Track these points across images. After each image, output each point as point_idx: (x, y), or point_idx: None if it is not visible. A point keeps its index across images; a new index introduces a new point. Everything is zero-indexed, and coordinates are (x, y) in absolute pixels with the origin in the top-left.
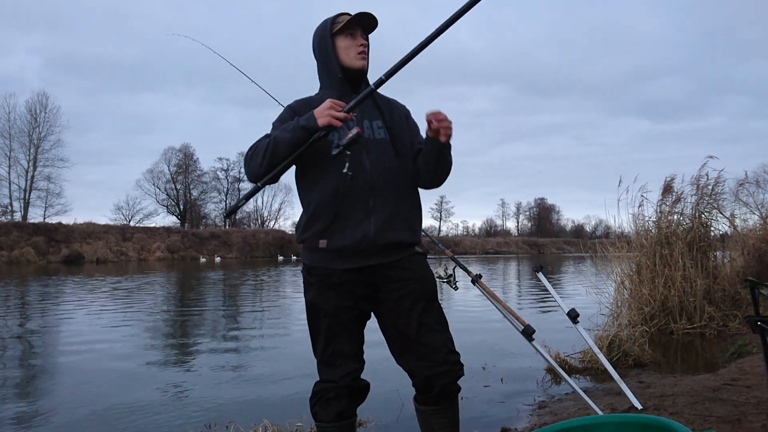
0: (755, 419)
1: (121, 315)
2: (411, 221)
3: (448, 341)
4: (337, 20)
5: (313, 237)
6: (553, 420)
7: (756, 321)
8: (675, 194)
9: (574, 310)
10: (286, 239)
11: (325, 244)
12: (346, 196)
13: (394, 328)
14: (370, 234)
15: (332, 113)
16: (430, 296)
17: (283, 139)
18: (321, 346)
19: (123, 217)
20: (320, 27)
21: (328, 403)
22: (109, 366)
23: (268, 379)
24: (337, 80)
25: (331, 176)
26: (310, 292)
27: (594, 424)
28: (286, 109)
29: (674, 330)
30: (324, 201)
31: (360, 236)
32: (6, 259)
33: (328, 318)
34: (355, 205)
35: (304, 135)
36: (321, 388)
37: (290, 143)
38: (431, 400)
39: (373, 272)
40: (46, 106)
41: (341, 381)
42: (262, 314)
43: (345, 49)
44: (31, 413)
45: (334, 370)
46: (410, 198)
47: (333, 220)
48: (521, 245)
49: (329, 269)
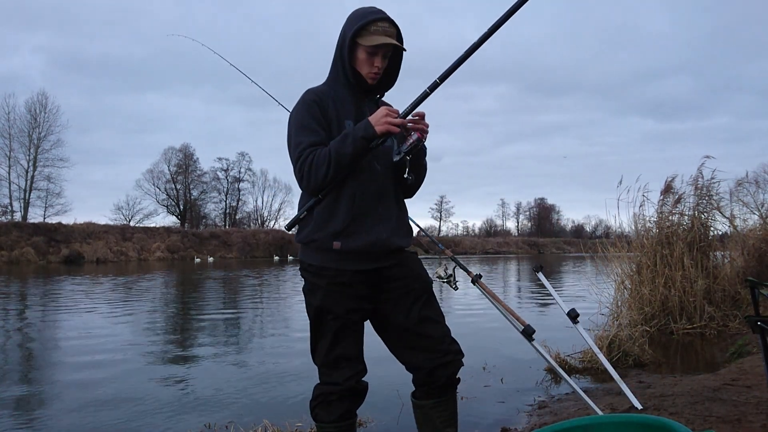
0: (755, 419)
1: (120, 315)
2: (409, 227)
3: (448, 331)
4: (368, 29)
5: (327, 238)
6: (553, 420)
7: (756, 321)
8: (675, 194)
9: (574, 310)
10: (286, 239)
11: (340, 246)
12: (362, 201)
13: (395, 324)
14: (382, 238)
15: (389, 120)
16: (430, 291)
17: (345, 153)
18: (325, 348)
19: (123, 217)
20: (349, 21)
21: (331, 405)
22: (108, 366)
23: (268, 379)
24: (349, 84)
25: (350, 180)
26: (317, 293)
27: (594, 424)
28: (310, 104)
29: (674, 330)
30: (342, 204)
31: (374, 240)
32: (6, 259)
33: (336, 321)
34: (368, 209)
35: (364, 145)
36: (324, 391)
37: (353, 155)
38: (435, 392)
39: (378, 273)
40: (45, 106)
41: (345, 383)
42: (261, 314)
43: (360, 63)
44: (30, 413)
45: (338, 372)
46: (404, 205)
47: (349, 223)
48: (521, 245)
49: (340, 270)
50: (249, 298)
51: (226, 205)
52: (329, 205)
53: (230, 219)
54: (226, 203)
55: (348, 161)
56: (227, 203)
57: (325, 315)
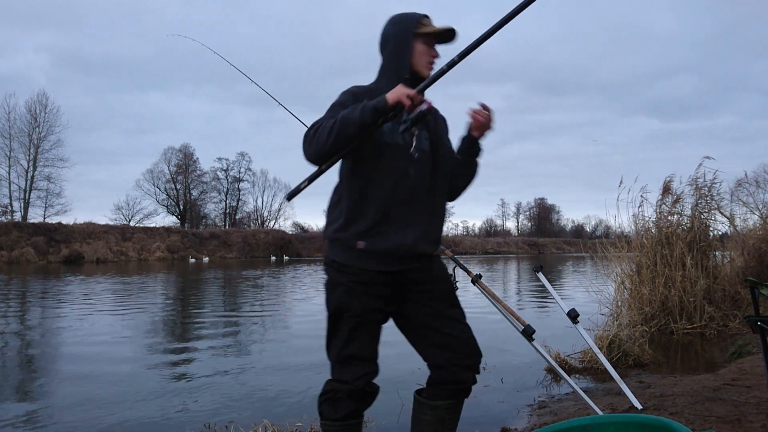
0: (755, 419)
1: (119, 315)
2: (439, 235)
3: (472, 334)
4: (423, 22)
5: (352, 237)
6: (553, 420)
7: (756, 321)
8: (674, 194)
9: (574, 310)
10: (286, 239)
11: (364, 246)
12: (391, 204)
13: (420, 323)
14: (407, 243)
15: (402, 90)
16: (454, 294)
17: (351, 118)
18: (338, 346)
19: (123, 217)
20: (401, 21)
21: (338, 402)
22: (108, 365)
23: (268, 379)
24: (402, 79)
25: (381, 182)
26: (337, 290)
27: (594, 424)
28: (346, 93)
29: (674, 330)
30: (370, 205)
31: (398, 244)
32: (6, 259)
33: (353, 319)
34: (397, 213)
35: (373, 115)
36: (332, 388)
37: (359, 123)
38: (452, 393)
39: (403, 276)
40: (46, 106)
41: (355, 383)
42: (261, 314)
43: (419, 54)
44: (29, 414)
45: (349, 371)
46: (441, 211)
47: (375, 224)
48: (521, 245)
49: (363, 269)
50: (249, 298)
51: (226, 205)
52: (357, 205)
53: (230, 219)
54: (226, 203)
55: (352, 129)
56: (227, 203)
57: (342, 312)
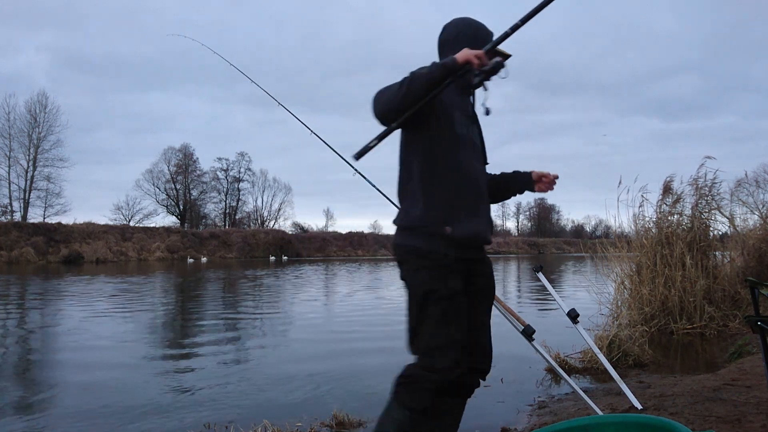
0: (755, 419)
1: (118, 315)
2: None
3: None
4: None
5: (438, 223)
6: (553, 420)
7: (756, 321)
8: (675, 194)
9: (574, 310)
10: (286, 239)
11: (450, 231)
12: (467, 195)
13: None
14: (482, 231)
15: (471, 50)
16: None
17: (420, 74)
18: (428, 332)
19: (123, 217)
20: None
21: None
22: (108, 366)
23: (268, 380)
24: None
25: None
26: (421, 274)
27: (594, 424)
28: None
29: (674, 330)
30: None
31: (476, 231)
32: (6, 259)
33: (444, 302)
34: (471, 201)
35: (442, 72)
36: (417, 373)
37: (428, 78)
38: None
39: (470, 264)
40: (45, 107)
41: (446, 373)
42: (261, 314)
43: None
44: (30, 413)
45: (441, 359)
46: None
47: (454, 212)
48: (521, 245)
49: (446, 254)
50: (247, 299)
51: (226, 205)
52: (436, 193)
53: (230, 219)
54: (226, 203)
55: (422, 84)
56: (227, 203)
57: (431, 295)
